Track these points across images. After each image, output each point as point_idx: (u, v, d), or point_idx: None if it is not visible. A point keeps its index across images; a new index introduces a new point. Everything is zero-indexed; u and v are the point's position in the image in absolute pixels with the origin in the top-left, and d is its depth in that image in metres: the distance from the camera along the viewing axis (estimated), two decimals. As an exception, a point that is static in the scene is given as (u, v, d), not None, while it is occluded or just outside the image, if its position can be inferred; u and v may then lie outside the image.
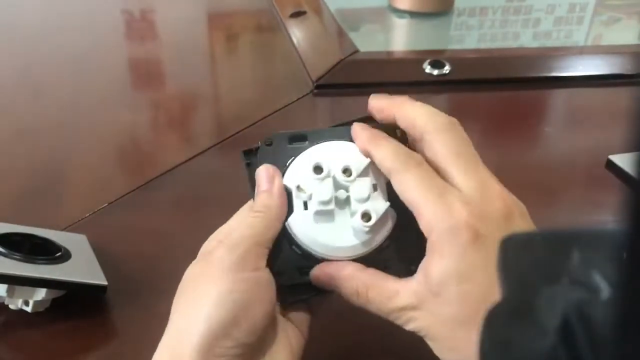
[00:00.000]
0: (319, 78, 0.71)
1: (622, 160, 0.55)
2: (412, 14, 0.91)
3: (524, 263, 0.23)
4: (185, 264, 0.32)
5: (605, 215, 0.29)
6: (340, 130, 0.35)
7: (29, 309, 0.40)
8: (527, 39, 0.88)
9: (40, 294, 0.40)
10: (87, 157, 0.61)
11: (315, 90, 0.70)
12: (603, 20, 0.95)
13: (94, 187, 0.56)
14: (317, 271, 0.34)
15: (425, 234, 0.30)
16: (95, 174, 0.59)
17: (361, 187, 0.33)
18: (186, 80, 0.78)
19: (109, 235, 0.49)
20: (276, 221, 0.33)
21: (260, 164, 0.35)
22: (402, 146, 0.33)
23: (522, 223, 0.30)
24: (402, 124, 0.34)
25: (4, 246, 0.41)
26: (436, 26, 0.92)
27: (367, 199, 0.33)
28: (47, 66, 0.80)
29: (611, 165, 0.56)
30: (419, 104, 0.34)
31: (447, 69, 0.72)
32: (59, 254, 0.43)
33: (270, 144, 0.35)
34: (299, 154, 0.35)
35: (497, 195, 0.31)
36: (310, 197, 0.33)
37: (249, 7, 1.02)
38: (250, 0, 1.04)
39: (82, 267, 0.43)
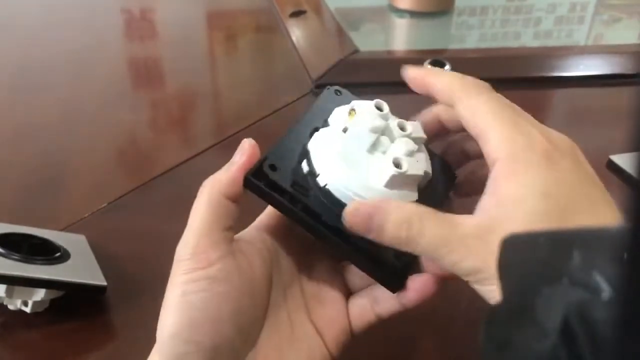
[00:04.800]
0: (319, 77, 0.71)
1: (623, 160, 0.55)
2: (413, 14, 0.91)
3: (525, 263, 0.23)
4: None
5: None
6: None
7: (28, 309, 0.40)
8: (527, 39, 0.88)
9: (39, 294, 0.40)
10: (86, 157, 0.61)
11: (315, 90, 0.70)
12: (604, 20, 0.94)
13: (93, 187, 0.56)
14: (353, 207, 0.29)
15: (491, 160, 0.29)
16: (95, 174, 0.58)
17: (408, 142, 0.31)
18: (186, 80, 0.78)
19: (108, 236, 0.49)
20: (238, 172, 0.31)
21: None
22: (467, 76, 0.33)
23: (585, 161, 0.30)
24: (437, 90, 0.33)
25: (2, 246, 0.41)
26: (437, 26, 0.92)
27: (410, 153, 0.31)
28: (46, 65, 0.80)
29: (612, 165, 0.56)
30: (453, 72, 0.34)
31: (447, 68, 0.72)
32: (58, 254, 0.43)
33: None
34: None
35: (560, 135, 0.30)
36: (356, 123, 0.31)
37: (249, 7, 1.02)
38: (250, 0, 1.04)
39: (81, 268, 0.43)
